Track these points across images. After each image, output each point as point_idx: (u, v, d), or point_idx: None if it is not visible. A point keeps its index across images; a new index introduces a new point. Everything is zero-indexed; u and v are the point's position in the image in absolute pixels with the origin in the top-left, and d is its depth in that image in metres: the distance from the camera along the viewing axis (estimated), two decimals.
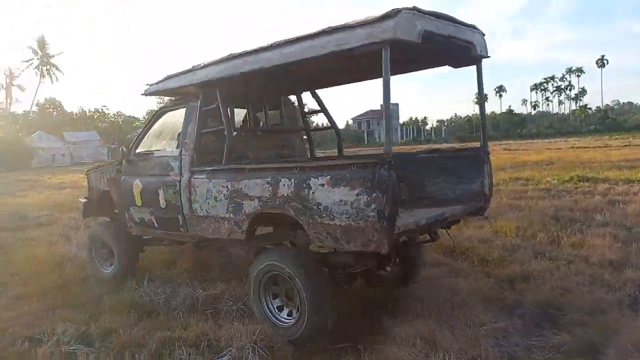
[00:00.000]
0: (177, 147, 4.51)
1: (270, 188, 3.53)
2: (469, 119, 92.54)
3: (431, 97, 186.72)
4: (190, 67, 4.40)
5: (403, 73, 4.41)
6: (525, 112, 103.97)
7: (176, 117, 4.73)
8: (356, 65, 3.60)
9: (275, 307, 3.81)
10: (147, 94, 5.08)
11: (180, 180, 4.33)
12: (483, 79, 4.01)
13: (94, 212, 5.92)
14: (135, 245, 5.34)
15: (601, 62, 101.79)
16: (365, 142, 77.18)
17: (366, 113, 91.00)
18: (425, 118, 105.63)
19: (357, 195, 3.03)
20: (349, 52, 3.10)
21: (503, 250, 5.76)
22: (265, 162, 4.64)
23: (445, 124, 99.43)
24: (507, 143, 48.15)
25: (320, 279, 3.54)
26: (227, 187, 3.87)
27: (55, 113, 73.38)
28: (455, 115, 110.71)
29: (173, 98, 5.10)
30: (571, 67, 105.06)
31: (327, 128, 5.56)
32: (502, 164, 18.60)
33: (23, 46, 73.87)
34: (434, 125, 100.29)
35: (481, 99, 4.18)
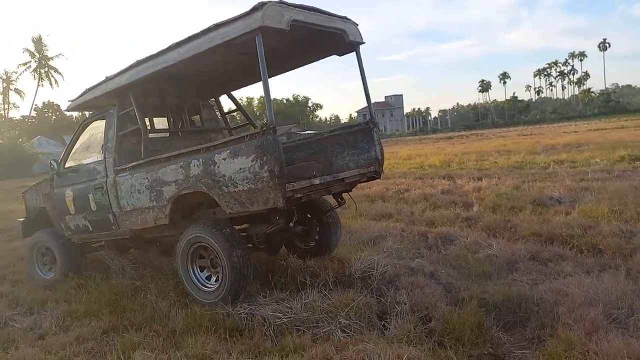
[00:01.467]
0: (101, 153, 4.87)
1: (183, 171, 4.02)
2: (473, 107, 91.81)
3: (433, 88, 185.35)
4: (104, 77, 4.82)
5: (299, 66, 5.05)
6: (529, 98, 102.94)
7: (99, 127, 5.09)
8: (255, 66, 3.64)
9: (202, 276, 4.22)
10: (69, 109, 5.56)
11: (106, 182, 4.73)
12: (364, 64, 4.47)
13: (33, 230, 5.96)
14: (76, 251, 5.59)
15: (603, 46, 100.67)
16: None
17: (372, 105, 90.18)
18: (428, 109, 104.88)
19: (252, 161, 3.56)
20: (232, 42, 3.59)
21: (616, 237, 4.99)
22: None
23: (448, 113, 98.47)
24: (516, 129, 47.36)
25: (238, 246, 3.95)
26: (147, 178, 4.32)
27: (54, 117, 72.41)
28: (458, 105, 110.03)
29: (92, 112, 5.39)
30: (574, 52, 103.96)
31: (246, 124, 6.24)
32: (531, 148, 17.87)
33: (20, 48, 71.52)
34: (437, 115, 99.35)
35: (364, 82, 4.60)
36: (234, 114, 6.50)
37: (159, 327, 3.73)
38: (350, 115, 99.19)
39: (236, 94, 6.03)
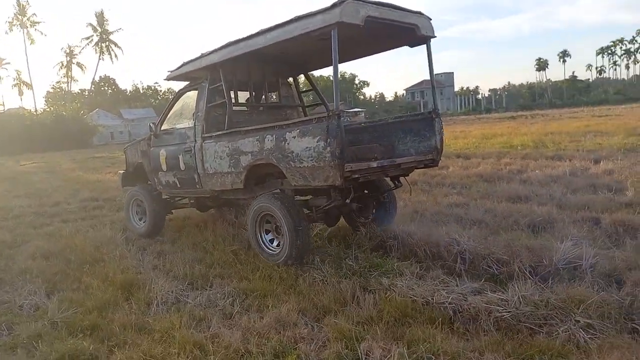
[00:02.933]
0: (192, 120, 5.47)
1: (258, 144, 4.56)
2: (529, 87, 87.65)
3: (483, 66, 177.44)
4: (200, 54, 5.38)
5: (371, 54, 5.59)
6: (586, 79, 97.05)
7: (192, 97, 5.68)
8: (330, 50, 3.92)
9: (267, 239, 4.82)
10: (168, 79, 6.13)
11: (194, 146, 5.37)
12: (432, 56, 4.81)
13: (130, 182, 6.82)
14: (165, 207, 6.40)
15: None
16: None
17: (420, 83, 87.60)
18: (477, 87, 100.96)
19: (317, 142, 4.00)
20: (311, 33, 4.00)
21: None
22: None
23: (500, 93, 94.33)
24: (581, 110, 44.62)
25: (299, 217, 4.48)
26: (228, 147, 4.91)
27: (110, 91, 74.62)
28: (509, 84, 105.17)
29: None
30: None
31: (318, 104, 6.60)
32: (624, 129, 16.56)
33: (84, 23, 72.93)
34: (487, 94, 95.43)
35: (431, 75, 5.00)
36: (309, 92, 6.85)
37: (352, 312, 3.45)
38: (396, 93, 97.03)
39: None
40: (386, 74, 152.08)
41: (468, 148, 14.37)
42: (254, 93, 5.88)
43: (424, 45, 4.72)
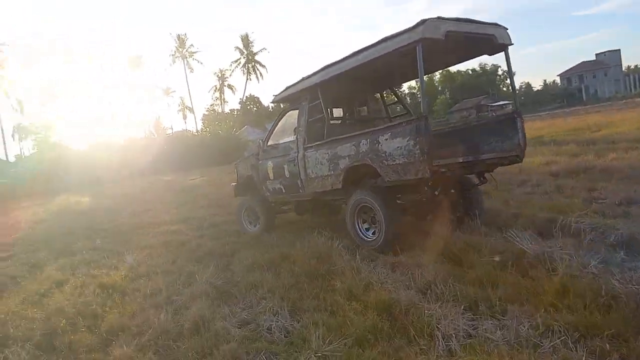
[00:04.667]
0: (294, 135, 6.32)
1: (355, 148, 5.25)
2: None
3: None
4: (300, 78, 6.28)
5: (455, 64, 6.38)
6: None
7: (292, 115, 6.54)
8: (415, 64, 4.47)
9: (364, 228, 5.44)
10: (274, 102, 7.57)
11: (297, 156, 6.20)
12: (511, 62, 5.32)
13: (242, 192, 7.74)
14: (272, 210, 7.25)
15: None
16: (584, 99, 65.41)
17: (578, 66, 77.88)
18: None
19: (407, 141, 4.59)
20: (400, 50, 4.58)
21: None
22: None
23: None
24: None
25: (394, 209, 5.13)
26: (328, 153, 5.67)
27: (254, 109, 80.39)
28: None
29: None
30: None
31: (404, 114, 7.24)
32: None
33: (232, 47, 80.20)
34: None
35: (511, 79, 5.78)
36: (396, 105, 7.61)
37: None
38: (545, 80, 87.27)
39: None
40: (532, 61, 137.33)
41: None
42: (346, 108, 6.93)
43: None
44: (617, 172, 7.52)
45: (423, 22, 4.34)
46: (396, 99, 7.50)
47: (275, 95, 6.91)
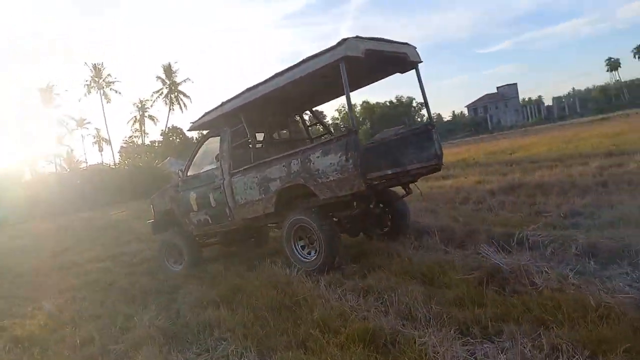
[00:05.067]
0: (217, 161, 6.00)
1: (285, 169, 5.16)
2: (602, 89, 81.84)
3: (541, 75, 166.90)
4: (220, 103, 5.97)
5: (370, 83, 6.32)
6: None
7: (213, 142, 6.24)
8: (333, 85, 5.05)
9: (301, 248, 5.28)
10: (191, 129, 6.69)
11: (223, 183, 5.92)
12: (422, 80, 5.60)
13: (161, 229, 7.11)
14: (197, 245, 6.75)
15: None
16: (490, 128, 70.82)
17: (482, 98, 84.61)
18: (540, 97, 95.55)
19: (339, 156, 4.60)
20: (322, 69, 4.67)
21: None
22: None
23: (564, 100, 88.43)
24: None
25: (331, 227, 5.04)
26: (257, 177, 5.49)
27: (177, 140, 77.42)
28: (574, 90, 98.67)
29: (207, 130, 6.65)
30: None
31: (325, 134, 7.05)
32: None
33: (152, 77, 76.20)
34: (550, 104, 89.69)
35: (423, 94, 5.79)
36: (316, 126, 7.57)
37: None
38: (454, 112, 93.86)
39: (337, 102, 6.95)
40: (441, 94, 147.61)
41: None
42: (268, 132, 6.78)
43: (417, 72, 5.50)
44: (551, 187, 7.86)
45: (344, 40, 4.45)
46: (315, 120, 7.54)
47: (193, 122, 6.56)
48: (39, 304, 5.47)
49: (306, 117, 7.72)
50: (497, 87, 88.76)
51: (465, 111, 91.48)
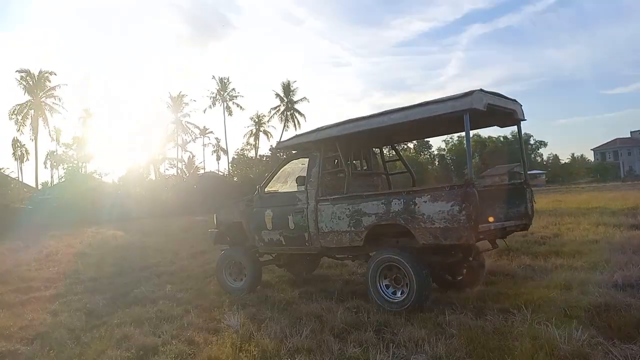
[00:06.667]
0: (302, 185, 5.92)
1: (384, 207, 5.09)
2: None
3: None
4: (315, 128, 6.10)
5: (475, 129, 6.13)
6: None
7: (298, 164, 6.32)
8: (431, 126, 5.60)
9: (387, 289, 5.12)
10: (279, 147, 7.62)
11: (307, 207, 5.79)
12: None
13: (223, 240, 7.02)
14: (260, 263, 6.71)
15: None
16: (621, 175, 63.14)
17: (613, 142, 76.39)
18: None
19: (451, 206, 4.55)
20: (438, 117, 4.75)
21: None
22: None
23: None
24: None
25: (425, 269, 4.89)
26: (348, 209, 5.39)
27: (284, 156, 79.78)
28: None
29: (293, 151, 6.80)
30: None
31: (404, 172, 7.17)
32: None
33: (271, 95, 79.25)
34: None
35: (522, 153, 6.09)
36: (395, 161, 7.60)
37: None
38: (573, 154, 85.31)
39: None
40: (557, 134, 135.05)
41: None
42: (351, 162, 6.60)
43: None
44: None
45: (471, 93, 4.55)
46: (397, 156, 7.30)
47: (281, 142, 6.85)
48: (214, 313, 4.90)
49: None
50: (631, 132, 79.50)
51: (590, 155, 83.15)
